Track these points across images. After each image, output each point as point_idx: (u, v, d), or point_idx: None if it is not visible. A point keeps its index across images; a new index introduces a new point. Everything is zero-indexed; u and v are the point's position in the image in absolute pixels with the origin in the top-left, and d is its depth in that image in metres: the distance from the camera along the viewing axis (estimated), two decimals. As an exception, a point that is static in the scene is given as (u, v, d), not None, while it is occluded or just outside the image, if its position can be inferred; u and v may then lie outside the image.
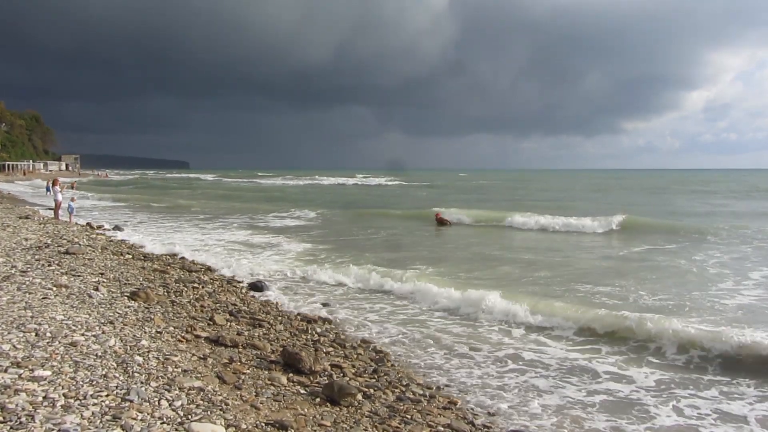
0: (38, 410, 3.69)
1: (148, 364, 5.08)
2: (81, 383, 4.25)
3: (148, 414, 3.96)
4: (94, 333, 5.68)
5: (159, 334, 6.46)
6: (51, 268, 9.23)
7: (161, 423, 3.87)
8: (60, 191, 21.75)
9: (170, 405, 4.23)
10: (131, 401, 4.09)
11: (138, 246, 15.04)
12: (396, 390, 6.02)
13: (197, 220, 25.93)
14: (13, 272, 8.45)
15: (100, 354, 5.04)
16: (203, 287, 10.15)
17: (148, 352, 5.44)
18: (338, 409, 5.23)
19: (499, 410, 5.88)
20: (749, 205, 37.31)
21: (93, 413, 3.79)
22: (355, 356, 7.16)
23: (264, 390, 5.36)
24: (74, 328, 5.70)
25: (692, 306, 9.92)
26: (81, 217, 23.29)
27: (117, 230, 18.77)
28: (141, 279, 9.89)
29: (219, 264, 13.27)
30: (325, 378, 6.05)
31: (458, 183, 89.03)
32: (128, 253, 12.95)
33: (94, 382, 4.32)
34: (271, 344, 7.14)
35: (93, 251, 12.08)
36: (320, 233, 21.84)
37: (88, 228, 18.43)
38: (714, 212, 31.88)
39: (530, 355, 7.62)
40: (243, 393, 5.12)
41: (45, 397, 3.90)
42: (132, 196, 45.52)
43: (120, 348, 5.37)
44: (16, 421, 3.51)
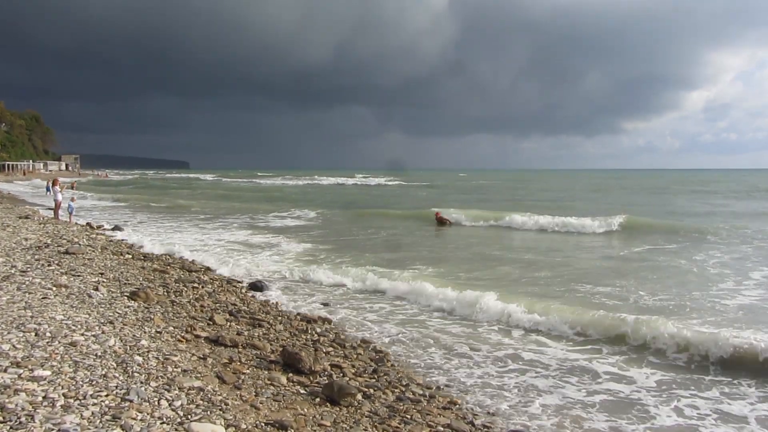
0: (38, 410, 3.69)
1: (148, 364, 5.08)
2: (81, 383, 4.25)
3: (148, 414, 3.96)
4: (94, 333, 5.68)
5: (159, 334, 6.46)
6: (51, 268, 9.23)
7: (161, 423, 3.87)
8: (60, 191, 21.74)
9: (170, 405, 4.23)
10: (131, 401, 4.08)
11: (138, 246, 15.04)
12: (396, 390, 6.02)
13: (197, 220, 25.93)
14: (13, 272, 8.45)
15: (100, 354, 5.04)
16: (203, 287, 10.15)
17: (148, 352, 5.44)
18: (338, 409, 5.23)
19: (499, 410, 5.88)
20: (749, 205, 37.30)
21: (93, 413, 3.79)
22: (355, 356, 7.16)
23: (264, 390, 5.36)
24: (74, 328, 5.70)
25: (693, 306, 9.91)
26: (81, 217, 23.30)
27: (117, 230, 18.77)
28: (141, 279, 9.89)
29: (219, 264, 13.28)
30: (325, 378, 6.05)
31: (458, 183, 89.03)
32: (128, 253, 12.96)
33: (94, 382, 4.32)
34: (271, 344, 7.14)
35: (93, 251, 12.08)
36: (320, 233, 21.84)
37: (88, 228, 18.43)
38: (714, 212, 31.88)
39: (530, 355, 7.62)
40: (243, 393, 5.12)
41: (45, 397, 3.90)
42: (132, 196, 45.51)
43: (120, 348, 5.37)
44: (16, 421, 3.51)
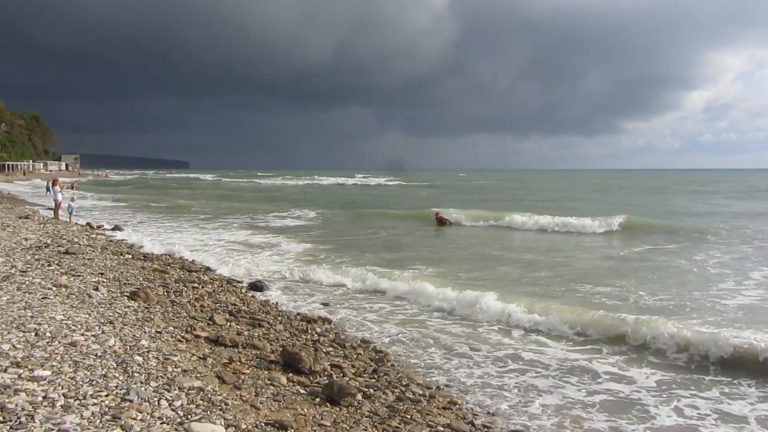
0: (38, 410, 3.69)
1: (148, 364, 5.07)
2: (81, 383, 4.25)
3: (148, 414, 3.96)
4: (94, 333, 5.68)
5: (159, 334, 6.46)
6: (51, 268, 9.23)
7: (161, 423, 3.86)
8: (60, 191, 21.75)
9: (170, 405, 4.23)
10: (131, 401, 4.08)
11: (138, 246, 15.04)
12: (396, 390, 6.02)
13: (197, 220, 25.93)
14: (13, 272, 8.44)
15: (100, 354, 5.04)
16: (203, 287, 10.15)
17: (148, 352, 5.44)
18: (338, 409, 5.23)
19: (499, 410, 5.88)
20: (749, 206, 37.29)
21: (93, 413, 3.79)
22: (355, 356, 7.15)
23: (264, 390, 5.36)
24: (74, 328, 5.69)
25: (693, 306, 9.90)
26: (81, 217, 23.30)
27: (117, 230, 18.77)
28: (141, 279, 9.89)
29: (219, 264, 13.28)
30: (325, 378, 6.04)
31: (458, 183, 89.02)
32: (128, 253, 12.96)
33: (94, 382, 4.32)
34: (271, 344, 7.14)
35: (93, 251, 12.08)
36: (320, 233, 21.84)
37: (88, 228, 18.43)
38: (714, 212, 31.87)
39: (530, 355, 7.62)
40: (243, 393, 5.12)
41: (45, 397, 3.90)
42: (132, 196, 45.51)
43: (120, 348, 5.37)
44: (16, 421, 3.50)
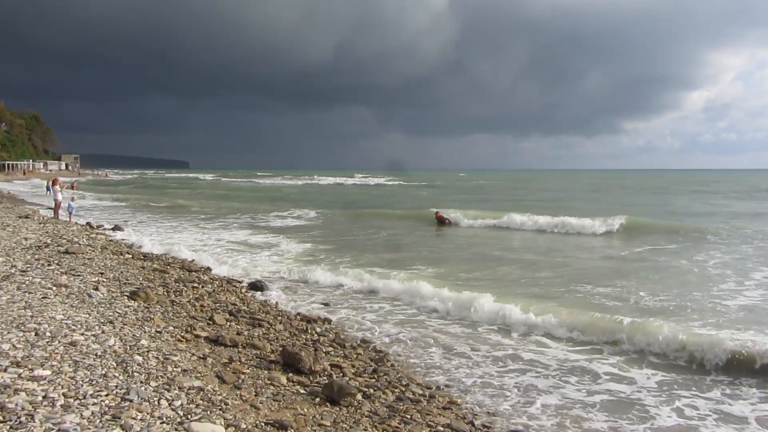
0: (38, 410, 3.69)
1: (148, 364, 5.07)
2: (81, 383, 4.25)
3: (148, 414, 3.96)
4: (94, 332, 5.68)
5: (159, 334, 6.46)
6: (51, 268, 9.22)
7: (161, 423, 3.86)
8: (60, 191, 21.75)
9: (170, 405, 4.22)
10: (131, 401, 4.08)
11: (138, 246, 15.03)
12: (396, 390, 6.02)
13: (197, 220, 25.93)
14: (13, 272, 8.44)
15: (100, 353, 5.03)
16: (203, 287, 10.14)
17: (148, 352, 5.44)
18: (338, 409, 5.22)
19: (499, 410, 5.87)
20: (749, 206, 37.31)
21: (93, 413, 3.78)
22: (355, 356, 7.15)
23: (264, 390, 5.36)
24: (74, 328, 5.69)
25: (693, 307, 9.89)
26: (81, 217, 23.29)
27: (117, 230, 18.76)
28: (141, 279, 9.88)
29: (218, 264, 13.27)
30: (325, 378, 6.04)
31: (458, 183, 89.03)
32: (128, 253, 12.95)
33: (94, 382, 4.32)
34: (271, 344, 7.13)
35: (93, 251, 12.08)
36: (320, 233, 21.84)
37: (88, 228, 18.43)
38: (714, 212, 31.87)
39: (530, 356, 7.61)
40: (243, 393, 5.12)
41: (45, 397, 3.90)
42: (131, 196, 45.51)
43: (120, 347, 5.36)
44: (16, 421, 3.50)
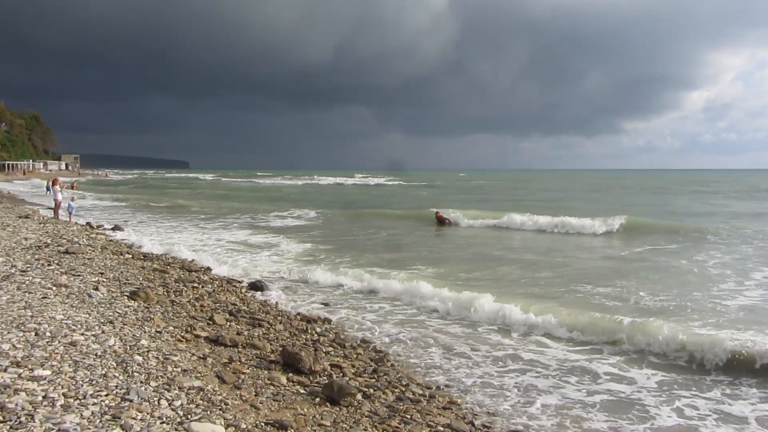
0: (38, 410, 3.69)
1: (148, 364, 5.07)
2: (81, 383, 4.25)
3: (148, 413, 3.96)
4: (94, 332, 5.68)
5: (159, 334, 6.46)
6: (51, 268, 9.22)
7: (161, 423, 3.86)
8: (60, 191, 21.75)
9: (170, 405, 4.22)
10: (131, 401, 4.08)
11: (138, 246, 15.03)
12: (396, 390, 6.02)
13: (197, 220, 25.92)
14: (13, 272, 8.44)
15: (100, 353, 5.03)
16: (203, 287, 10.14)
17: (148, 352, 5.44)
18: (338, 409, 5.22)
19: (499, 410, 5.87)
20: (749, 206, 37.31)
21: (93, 413, 3.78)
22: (355, 356, 7.15)
23: (264, 390, 5.36)
24: (74, 328, 5.69)
25: (694, 307, 9.88)
26: (81, 217, 23.29)
27: (117, 230, 18.76)
28: (141, 279, 9.88)
29: (218, 264, 13.27)
30: (325, 378, 6.04)
31: (458, 183, 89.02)
32: (128, 253, 12.94)
33: (94, 382, 4.32)
34: (271, 344, 7.13)
35: (93, 251, 12.07)
36: (320, 233, 21.84)
37: (88, 228, 18.43)
38: (714, 212, 31.88)
39: (530, 356, 7.61)
40: (243, 393, 5.12)
41: (45, 397, 3.90)
42: (131, 196, 45.51)
43: (120, 347, 5.36)
44: (16, 421, 3.50)
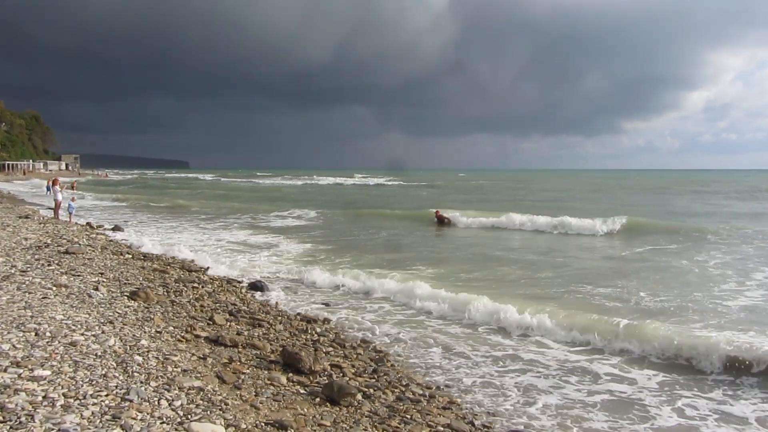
0: (38, 410, 3.68)
1: (148, 364, 5.07)
2: (81, 383, 4.24)
3: (148, 414, 3.95)
4: (94, 333, 5.67)
5: (159, 334, 6.45)
6: (51, 268, 9.21)
7: (161, 423, 3.86)
8: (60, 191, 21.76)
9: (170, 405, 4.22)
10: (131, 401, 4.08)
11: (138, 246, 15.03)
12: (396, 390, 6.01)
13: (198, 220, 25.93)
14: (13, 272, 8.43)
15: (100, 354, 5.03)
16: (203, 287, 10.14)
17: (148, 352, 5.43)
18: (338, 409, 5.22)
19: (499, 410, 5.87)
20: (750, 206, 37.31)
21: (93, 413, 3.78)
22: (355, 356, 7.15)
23: (264, 390, 5.35)
24: (74, 328, 5.69)
25: (694, 308, 9.86)
26: (81, 217, 23.30)
27: (117, 230, 18.76)
28: (141, 279, 9.88)
29: (218, 264, 13.27)
30: (325, 378, 6.04)
31: (458, 183, 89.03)
32: (128, 253, 12.94)
33: (94, 382, 4.31)
34: (271, 344, 7.13)
35: (93, 251, 12.07)
36: (320, 233, 21.84)
37: (88, 228, 18.43)
38: (714, 212, 31.87)
39: (530, 356, 7.61)
40: (243, 393, 5.11)
41: (45, 397, 3.89)
42: (131, 196, 45.52)
43: (120, 348, 5.36)
44: (16, 421, 3.50)
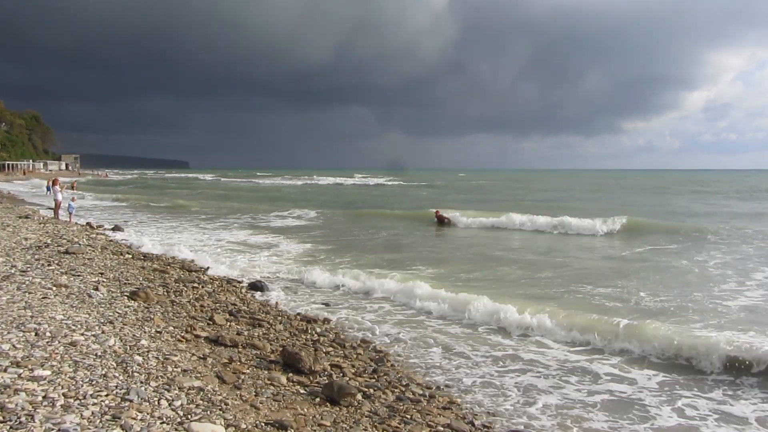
0: (38, 410, 3.68)
1: (148, 364, 5.07)
2: (81, 383, 4.24)
3: (148, 414, 3.95)
4: (94, 333, 5.67)
5: (159, 334, 6.45)
6: (51, 268, 9.21)
7: (161, 423, 3.86)
8: (60, 191, 21.76)
9: (170, 405, 4.22)
10: (131, 401, 4.07)
11: (138, 246, 15.03)
12: (396, 390, 6.01)
13: (197, 220, 25.93)
14: (13, 272, 8.43)
15: (100, 354, 5.03)
16: (203, 287, 10.14)
17: (148, 352, 5.43)
18: (338, 409, 5.22)
19: (499, 410, 5.87)
20: (750, 206, 37.31)
21: (93, 413, 3.78)
22: (355, 356, 7.15)
23: (264, 390, 5.35)
24: (74, 328, 5.69)
25: (694, 308, 9.86)
26: (81, 217, 23.30)
27: (117, 230, 18.76)
28: (141, 279, 9.88)
29: (218, 264, 13.27)
30: (325, 378, 6.04)
31: (458, 183, 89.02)
32: (128, 253, 12.94)
33: (94, 382, 4.31)
34: (271, 344, 7.13)
35: (93, 251, 12.07)
36: (320, 233, 21.84)
37: (88, 228, 18.42)
38: (714, 212, 31.87)
39: (530, 356, 7.61)
40: (243, 393, 5.11)
41: (45, 397, 3.89)
42: (131, 196, 45.51)
43: (120, 348, 5.36)
44: (16, 421, 3.50)
